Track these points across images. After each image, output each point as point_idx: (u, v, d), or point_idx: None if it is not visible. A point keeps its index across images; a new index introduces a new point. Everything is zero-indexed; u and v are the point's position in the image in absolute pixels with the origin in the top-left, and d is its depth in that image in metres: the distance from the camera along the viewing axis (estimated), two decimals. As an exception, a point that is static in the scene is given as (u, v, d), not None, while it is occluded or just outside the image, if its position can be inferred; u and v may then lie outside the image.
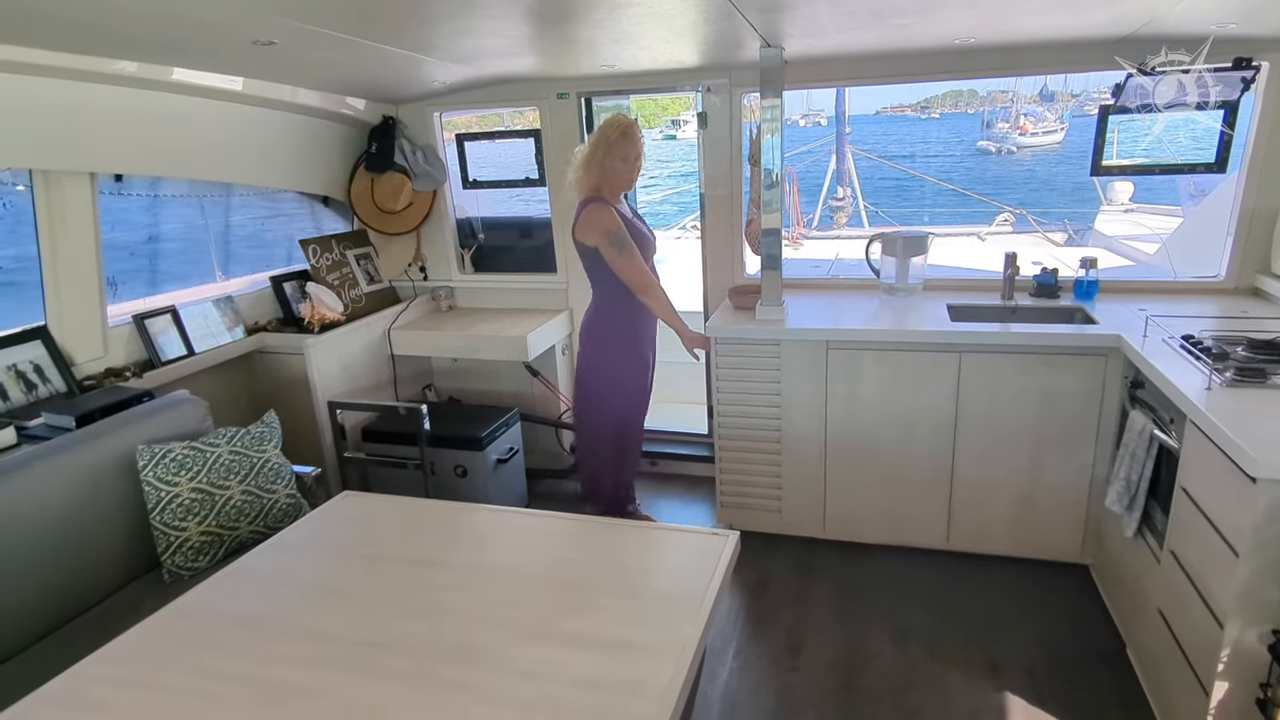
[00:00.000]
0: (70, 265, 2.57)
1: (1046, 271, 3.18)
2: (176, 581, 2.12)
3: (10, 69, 2.08)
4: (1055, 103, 36.14)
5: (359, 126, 3.59)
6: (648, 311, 2.94)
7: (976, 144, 33.61)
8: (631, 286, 2.82)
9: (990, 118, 34.25)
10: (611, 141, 2.77)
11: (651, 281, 2.85)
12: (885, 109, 43.09)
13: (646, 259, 2.91)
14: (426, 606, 1.62)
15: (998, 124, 33.08)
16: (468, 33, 2.31)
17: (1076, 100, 37.01)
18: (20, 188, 2.49)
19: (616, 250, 2.77)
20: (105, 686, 1.43)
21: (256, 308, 3.40)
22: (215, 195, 3.44)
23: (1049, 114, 34.60)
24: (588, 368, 3.04)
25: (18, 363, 2.43)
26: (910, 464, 2.90)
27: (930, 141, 36.36)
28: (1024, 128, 32.33)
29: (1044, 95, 35.91)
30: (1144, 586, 2.28)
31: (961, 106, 56.40)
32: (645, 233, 2.96)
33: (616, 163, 2.78)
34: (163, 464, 2.14)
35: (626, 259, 2.78)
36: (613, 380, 3.00)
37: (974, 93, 54.75)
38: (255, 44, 2.17)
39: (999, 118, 33.58)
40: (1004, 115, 33.60)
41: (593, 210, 2.79)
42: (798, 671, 2.45)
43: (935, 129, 40.74)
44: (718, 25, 2.36)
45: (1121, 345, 2.52)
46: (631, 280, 2.81)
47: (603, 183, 2.81)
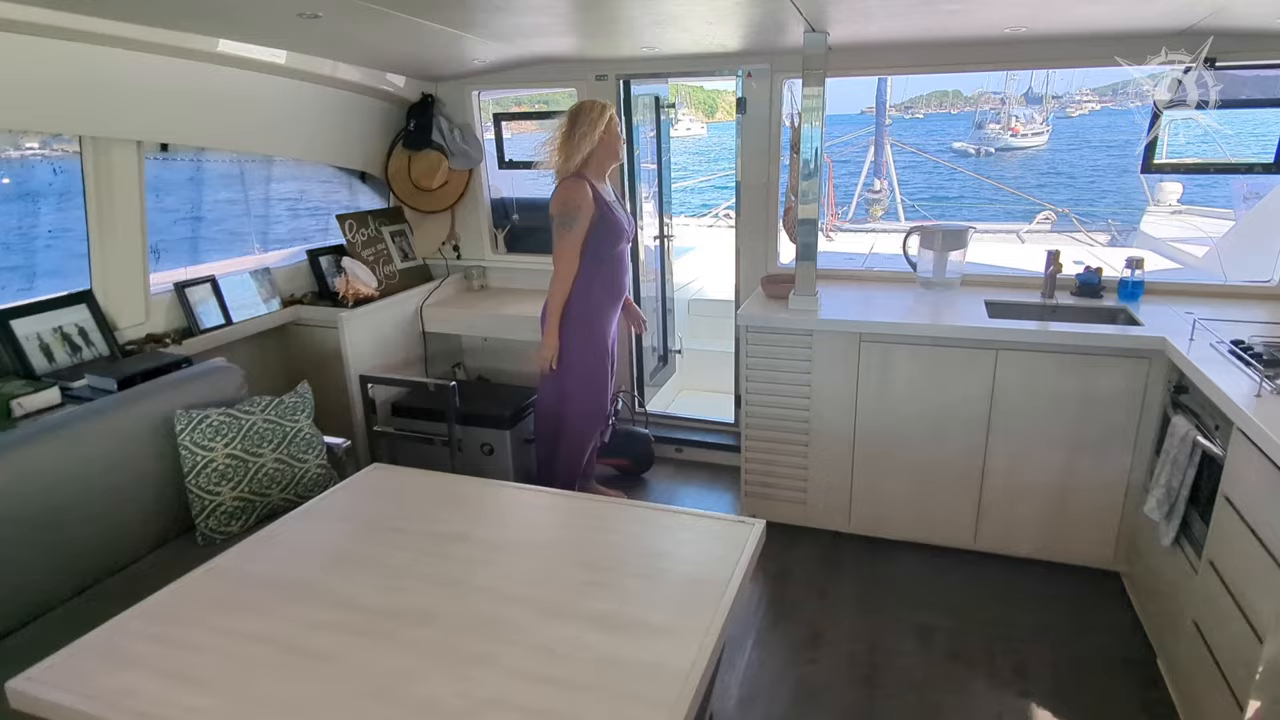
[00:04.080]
0: (115, 232, 2.62)
1: (1090, 271, 3.09)
2: (209, 544, 2.17)
3: (64, 35, 2.12)
4: (1041, 105, 35.58)
5: (398, 103, 3.61)
6: (611, 294, 2.92)
7: (952, 145, 33.20)
8: (554, 266, 2.82)
9: (981, 119, 33.87)
10: (596, 117, 2.76)
11: (568, 273, 2.80)
12: (870, 109, 42.19)
13: (616, 245, 2.87)
14: (451, 579, 1.63)
15: (988, 125, 32.76)
16: (509, 9, 2.30)
17: (1058, 102, 36.36)
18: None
19: (560, 227, 2.77)
20: (140, 641, 1.47)
21: (293, 280, 3.45)
22: (256, 165, 3.49)
23: (1036, 116, 34.14)
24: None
25: (63, 325, 2.49)
26: (940, 461, 2.86)
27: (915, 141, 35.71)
28: (1015, 129, 32.13)
29: (1030, 97, 35.29)
30: (1179, 597, 2.22)
31: (946, 107, 55.42)
32: (623, 221, 2.90)
33: (612, 137, 2.80)
34: (199, 429, 2.19)
35: (561, 238, 2.77)
36: (575, 361, 2.91)
37: (959, 94, 53.83)
38: (301, 16, 2.18)
39: (989, 119, 33.23)
40: (994, 117, 33.27)
41: (567, 185, 2.77)
42: (817, 664, 2.44)
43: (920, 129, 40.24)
44: (762, 8, 2.32)
45: (1166, 348, 2.45)
46: (556, 261, 2.80)
47: (590, 159, 2.79)
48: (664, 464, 3.82)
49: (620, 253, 2.91)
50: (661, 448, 3.83)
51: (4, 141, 2.92)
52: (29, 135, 2.80)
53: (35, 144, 2.90)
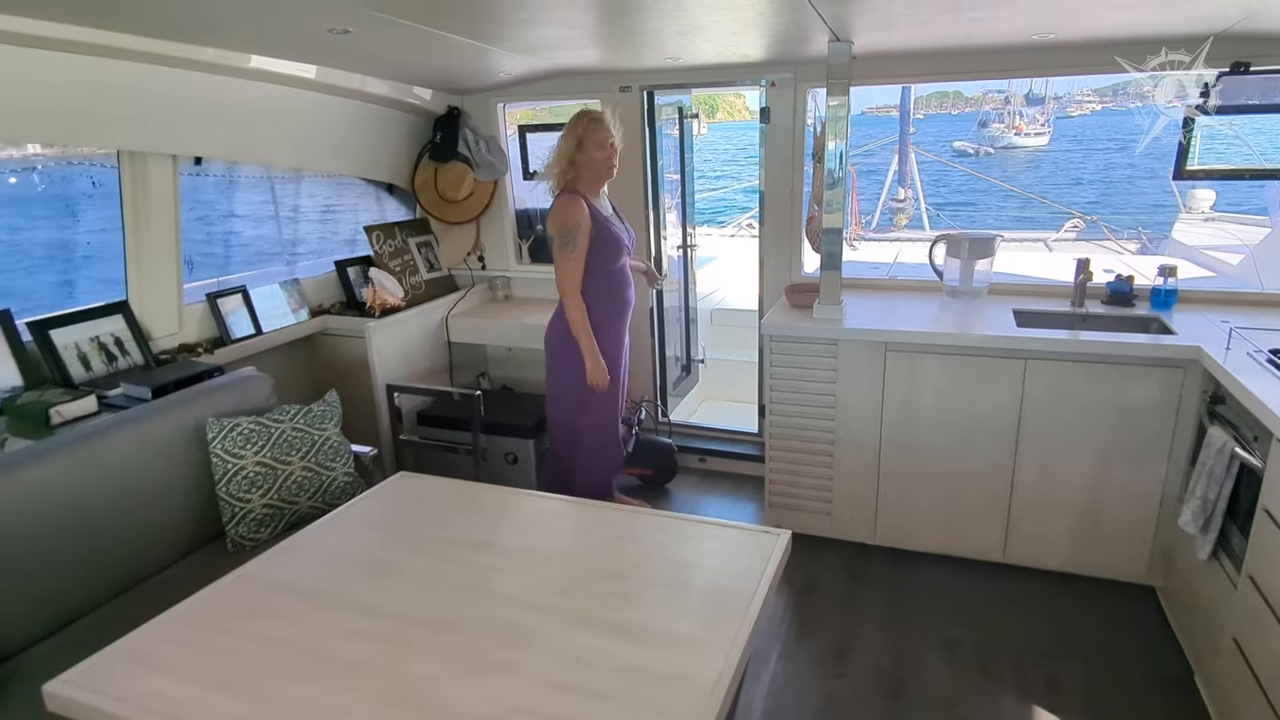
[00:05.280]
0: (151, 243, 2.68)
1: (1121, 279, 3.04)
2: (239, 551, 2.20)
3: (102, 53, 2.18)
4: (1043, 105, 35.34)
5: (425, 116, 3.66)
6: (617, 307, 2.89)
7: (953, 144, 32.99)
8: (558, 286, 2.78)
9: (985, 118, 33.74)
10: (584, 131, 2.73)
11: (574, 291, 2.76)
12: (871, 109, 41.91)
13: (615, 259, 2.83)
14: (477, 587, 1.64)
15: (993, 124, 32.61)
16: (535, 21, 2.33)
17: (1058, 103, 35.98)
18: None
19: (561, 246, 2.72)
20: (171, 645, 1.49)
21: (321, 291, 3.50)
22: (286, 180, 3.55)
23: (1039, 116, 33.94)
24: (556, 363, 2.94)
25: (100, 334, 2.55)
26: (968, 472, 2.82)
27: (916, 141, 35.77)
28: (1019, 128, 32.17)
29: (1030, 98, 34.97)
30: (1217, 612, 2.16)
31: (946, 108, 55.04)
32: (621, 234, 2.87)
33: (593, 152, 2.73)
34: (230, 437, 2.22)
35: (565, 259, 2.73)
36: (582, 375, 2.86)
37: (959, 94, 53.53)
38: (331, 32, 2.22)
39: (993, 118, 33.10)
40: (997, 116, 33.14)
41: (561, 201, 2.74)
42: (844, 677, 2.41)
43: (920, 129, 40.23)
44: (787, 18, 2.32)
45: (1201, 358, 2.40)
46: (559, 280, 2.76)
47: (579, 175, 2.76)
48: (687, 474, 3.81)
49: (621, 266, 2.88)
50: (684, 457, 3.83)
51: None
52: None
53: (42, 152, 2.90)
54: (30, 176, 2.64)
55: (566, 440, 3.01)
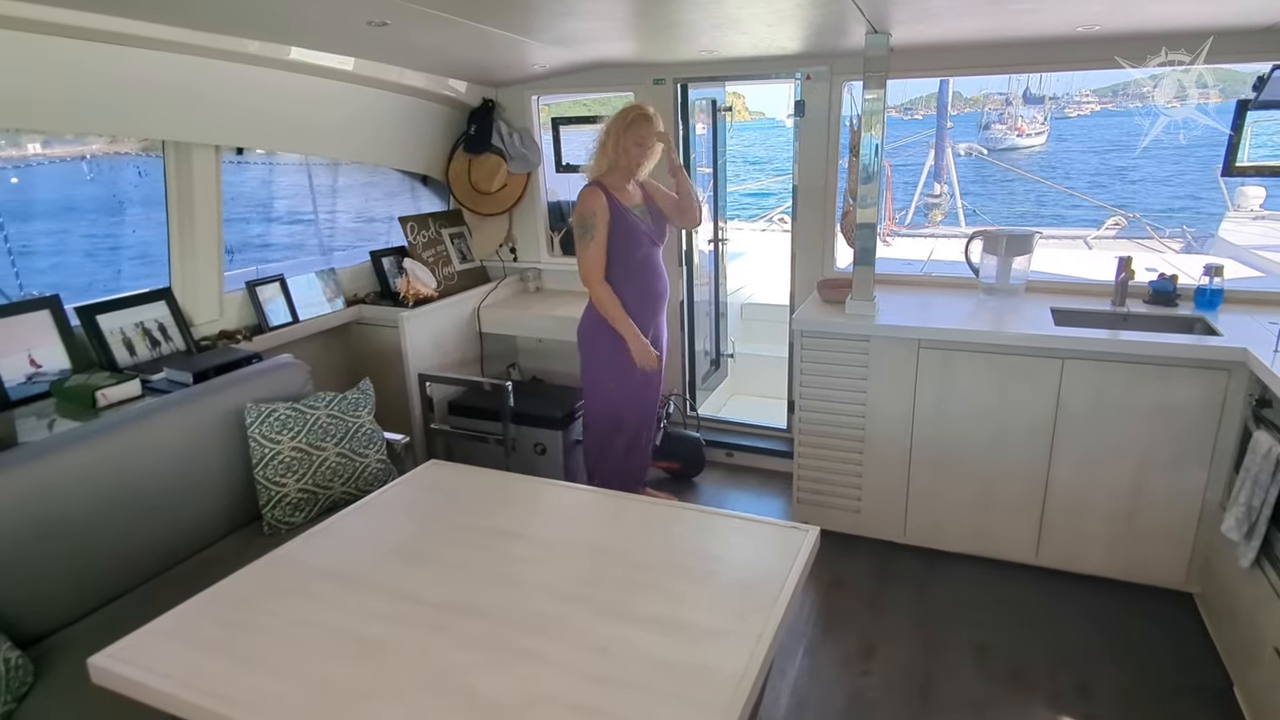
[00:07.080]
0: (194, 232, 2.74)
1: (1164, 278, 2.97)
2: (275, 534, 2.25)
3: (149, 45, 2.23)
4: (1041, 105, 34.47)
5: (459, 108, 3.69)
6: (647, 300, 2.88)
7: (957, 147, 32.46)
8: (580, 276, 2.81)
9: (987, 119, 33.12)
10: (629, 121, 2.73)
11: (598, 279, 2.78)
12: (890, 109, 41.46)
13: (634, 249, 2.82)
14: (506, 576, 1.66)
15: (994, 125, 31.98)
16: (571, 14, 2.33)
17: (1056, 103, 35.05)
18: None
19: (580, 236, 2.77)
20: (210, 625, 1.53)
21: (356, 280, 3.56)
22: (323, 168, 3.61)
23: (1038, 116, 33.16)
24: (587, 357, 2.97)
25: (145, 320, 2.62)
26: (1001, 472, 2.77)
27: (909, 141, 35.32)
28: (1021, 129, 31.73)
29: (1028, 98, 34.07)
30: (1259, 621, 2.11)
31: None
32: (640, 226, 2.84)
33: (631, 145, 2.74)
34: (267, 422, 2.27)
35: (584, 247, 2.77)
36: (614, 369, 2.88)
37: (958, 95, 52.75)
38: (369, 24, 2.25)
39: (994, 119, 32.49)
40: (998, 117, 32.51)
41: (581, 194, 2.78)
42: (870, 675, 2.39)
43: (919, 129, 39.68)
44: (824, 9, 2.30)
45: (1248, 360, 2.33)
46: (580, 269, 2.80)
47: (614, 165, 2.78)
48: (714, 468, 3.80)
49: (645, 257, 2.86)
50: (712, 452, 3.82)
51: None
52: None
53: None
54: (79, 166, 2.71)
55: (599, 432, 3.02)
